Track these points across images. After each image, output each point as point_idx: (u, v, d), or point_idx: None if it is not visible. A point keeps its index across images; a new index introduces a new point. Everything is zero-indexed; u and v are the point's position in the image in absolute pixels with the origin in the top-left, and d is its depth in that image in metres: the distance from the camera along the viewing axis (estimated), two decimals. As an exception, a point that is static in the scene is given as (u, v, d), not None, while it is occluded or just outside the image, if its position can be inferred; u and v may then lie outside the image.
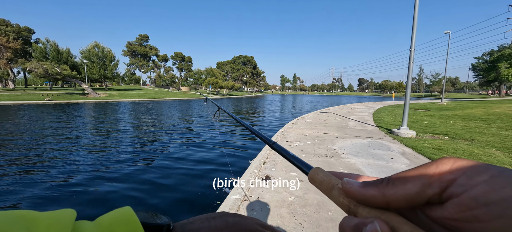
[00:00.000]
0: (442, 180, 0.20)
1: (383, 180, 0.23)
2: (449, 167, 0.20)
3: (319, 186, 0.30)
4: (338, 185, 0.28)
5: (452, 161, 0.20)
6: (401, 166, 4.04)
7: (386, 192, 0.22)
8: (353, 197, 0.25)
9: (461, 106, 18.62)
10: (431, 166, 0.21)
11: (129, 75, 77.94)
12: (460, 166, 0.19)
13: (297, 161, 0.38)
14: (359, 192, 0.24)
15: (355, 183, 0.25)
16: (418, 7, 6.58)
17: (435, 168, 0.20)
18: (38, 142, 7.52)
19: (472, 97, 50.71)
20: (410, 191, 0.21)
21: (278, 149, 0.46)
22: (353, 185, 0.25)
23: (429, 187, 0.20)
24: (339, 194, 0.27)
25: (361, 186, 0.24)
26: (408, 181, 0.21)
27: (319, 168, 0.32)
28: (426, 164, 0.21)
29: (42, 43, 42.92)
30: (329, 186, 0.29)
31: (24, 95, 31.39)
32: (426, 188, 0.20)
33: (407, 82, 7.09)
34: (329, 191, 0.28)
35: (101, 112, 17.21)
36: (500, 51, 42.01)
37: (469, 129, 7.81)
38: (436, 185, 0.20)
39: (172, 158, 5.82)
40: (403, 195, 0.21)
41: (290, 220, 2.37)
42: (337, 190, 0.27)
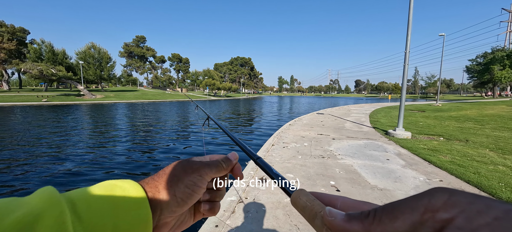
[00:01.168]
0: (436, 220, 0.17)
1: (369, 214, 0.21)
2: (444, 202, 0.17)
3: (301, 212, 0.26)
4: (321, 213, 0.24)
5: (447, 195, 0.17)
6: (397, 167, 4.06)
7: (372, 229, 0.20)
8: (337, 231, 0.22)
9: (456, 107, 18.85)
10: (424, 200, 0.18)
11: (125, 76, 77.42)
12: (457, 202, 0.17)
13: (280, 181, 0.35)
14: (341, 227, 0.21)
15: (339, 216, 0.22)
16: (412, 10, 6.66)
17: (427, 202, 0.18)
18: (32, 146, 7.40)
19: (466, 98, 51.42)
20: (401, 229, 0.18)
21: (262, 165, 0.42)
22: (336, 217, 0.22)
23: (421, 227, 0.17)
24: (322, 224, 0.24)
25: (344, 220, 0.22)
26: (397, 218, 0.19)
27: (302, 191, 0.28)
28: (418, 195, 0.19)
29: (37, 44, 42.41)
30: (312, 213, 0.25)
31: (18, 96, 30.96)
32: (418, 227, 0.17)
33: (402, 83, 7.15)
34: (312, 219, 0.25)
35: (97, 114, 17.04)
36: (494, 53, 42.75)
37: (464, 130, 7.90)
38: (430, 224, 0.17)
39: (169, 159, 5.78)
40: None
41: (285, 222, 2.36)
42: (320, 219, 0.24)
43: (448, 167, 4.01)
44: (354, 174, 3.71)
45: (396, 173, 3.77)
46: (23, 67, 31.50)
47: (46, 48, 41.80)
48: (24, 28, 48.71)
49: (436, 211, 0.17)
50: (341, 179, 3.51)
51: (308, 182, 3.38)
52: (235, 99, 54.96)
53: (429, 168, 4.07)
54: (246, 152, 0.58)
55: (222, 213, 2.54)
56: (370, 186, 3.28)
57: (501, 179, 3.47)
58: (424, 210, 0.17)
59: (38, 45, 41.95)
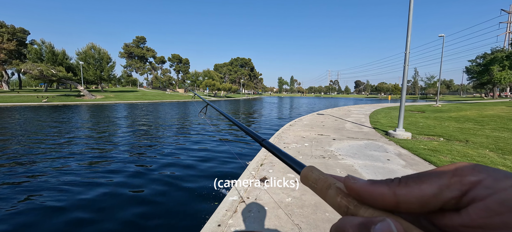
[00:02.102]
0: (463, 182, 0.18)
1: (393, 180, 0.21)
2: (471, 169, 0.18)
3: (312, 185, 0.27)
4: (335, 184, 0.25)
5: (473, 165, 0.18)
6: (397, 167, 4.08)
7: (398, 191, 0.20)
8: (358, 194, 0.22)
9: (455, 108, 18.88)
10: (450, 167, 0.19)
11: (125, 76, 77.42)
12: (483, 169, 0.18)
13: (288, 159, 0.35)
14: (365, 190, 0.21)
15: (361, 180, 0.23)
16: (412, 11, 6.69)
17: (454, 169, 0.19)
18: (32, 147, 7.41)
19: (466, 99, 51.48)
20: (426, 192, 0.19)
21: (268, 147, 0.44)
22: (358, 181, 0.23)
23: (448, 189, 0.18)
24: (336, 193, 0.24)
25: (368, 183, 0.22)
26: (423, 182, 0.19)
27: (313, 167, 0.29)
28: (443, 166, 0.20)
29: (37, 45, 42.47)
30: (325, 184, 0.26)
31: (18, 96, 30.95)
32: (445, 190, 0.18)
33: (402, 84, 7.17)
34: (325, 190, 0.26)
35: (97, 115, 17.04)
36: (493, 54, 42.83)
37: (464, 131, 7.92)
38: (457, 187, 0.18)
39: (167, 160, 5.79)
40: (417, 197, 0.19)
41: (287, 221, 2.37)
42: (334, 189, 0.25)
43: (448, 167, 4.02)
44: (355, 174, 3.72)
45: (397, 173, 3.78)
46: (23, 67, 31.51)
47: (46, 48, 41.84)
48: (24, 28, 48.75)
49: (464, 176, 0.18)
50: (342, 179, 3.53)
51: (309, 182, 3.39)
52: (235, 99, 54.98)
53: (429, 168, 4.08)
54: (251, 135, 0.58)
55: (224, 213, 2.55)
56: (371, 186, 3.29)
57: (501, 179, 3.48)
58: (451, 175, 0.18)
59: (38, 46, 42.00)
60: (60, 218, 3.22)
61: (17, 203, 3.59)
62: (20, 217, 3.24)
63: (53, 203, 3.60)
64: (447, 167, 0.19)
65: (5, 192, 3.97)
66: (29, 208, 3.47)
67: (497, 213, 0.16)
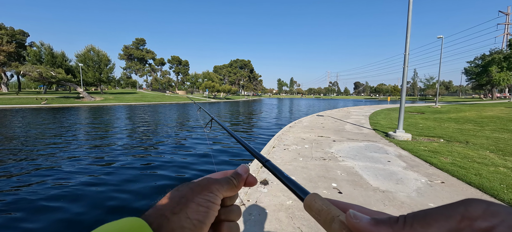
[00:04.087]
0: (474, 228, 0.16)
1: (398, 219, 0.19)
2: (483, 211, 0.17)
3: (316, 216, 0.26)
4: (339, 217, 0.24)
5: (485, 205, 0.17)
6: (398, 169, 4.06)
7: None
8: None
9: (455, 109, 18.91)
10: (459, 208, 0.17)
11: (125, 78, 77.39)
12: (496, 213, 0.16)
13: (291, 184, 0.34)
14: (369, 230, 0.20)
15: (364, 219, 0.21)
16: (411, 13, 6.71)
17: (464, 210, 0.17)
18: (32, 148, 7.37)
19: (465, 100, 51.62)
20: None
21: (271, 169, 0.40)
22: (361, 220, 0.21)
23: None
24: (340, 228, 0.23)
25: (371, 224, 0.20)
26: (430, 224, 0.18)
27: (316, 195, 0.28)
28: (452, 204, 0.18)
29: (37, 47, 42.46)
30: (328, 217, 0.25)
31: (17, 98, 30.86)
32: None
33: (402, 85, 7.18)
34: (328, 223, 0.24)
35: (96, 116, 16.99)
36: (491, 55, 43.03)
37: (463, 132, 7.92)
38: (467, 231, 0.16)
39: (165, 164, 5.76)
40: None
41: (288, 224, 2.35)
42: (338, 223, 0.23)
43: (449, 168, 4.01)
44: (356, 176, 3.70)
45: (398, 175, 3.76)
46: (22, 69, 31.47)
47: (46, 50, 41.84)
48: (24, 30, 48.74)
49: (474, 220, 0.16)
50: (342, 181, 3.51)
51: (310, 184, 3.37)
52: (235, 101, 54.97)
53: (430, 169, 4.07)
54: (254, 154, 0.52)
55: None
56: (372, 188, 3.27)
57: (502, 181, 3.47)
58: (460, 218, 0.17)
59: (38, 48, 42.00)
60: (58, 215, 3.19)
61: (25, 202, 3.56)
62: (27, 218, 3.21)
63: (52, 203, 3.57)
64: (457, 206, 0.18)
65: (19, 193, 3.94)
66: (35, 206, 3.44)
67: None
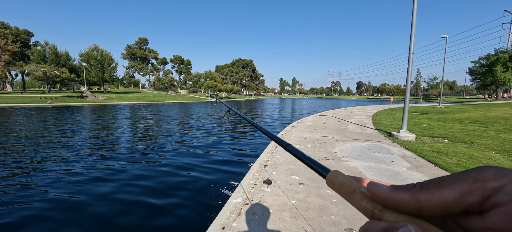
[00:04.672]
0: (485, 188, 0.18)
1: (415, 185, 0.22)
2: (494, 174, 0.18)
3: (338, 189, 0.29)
4: (360, 189, 0.26)
5: (495, 169, 0.19)
6: (402, 169, 4.03)
7: (419, 197, 0.21)
8: (381, 201, 0.23)
9: (459, 109, 18.72)
10: (472, 173, 0.19)
11: (128, 78, 77.83)
12: (506, 174, 0.18)
13: (313, 164, 0.37)
14: (388, 196, 0.23)
15: (383, 186, 0.24)
16: (416, 11, 6.64)
17: (476, 174, 0.19)
18: (39, 144, 7.44)
19: (469, 100, 51.10)
20: (448, 197, 0.19)
21: (293, 151, 0.46)
22: (381, 188, 0.24)
23: (470, 195, 0.19)
24: (361, 198, 0.25)
25: (390, 190, 0.23)
26: (445, 187, 0.20)
27: (338, 171, 0.31)
28: (466, 171, 0.20)
29: (41, 46, 42.84)
30: (350, 189, 0.27)
31: (22, 97, 31.20)
32: (466, 195, 0.19)
33: (406, 85, 7.12)
34: (350, 195, 0.27)
35: (100, 115, 17.11)
36: (496, 55, 42.49)
37: (468, 132, 7.84)
38: (478, 192, 0.18)
39: (170, 162, 5.77)
40: (439, 202, 0.20)
41: (292, 224, 2.34)
42: (359, 194, 0.26)
43: (454, 169, 3.97)
44: (360, 176, 3.68)
45: (402, 176, 3.73)
46: (27, 69, 31.79)
47: (50, 50, 42.19)
48: (28, 30, 49.25)
49: (485, 181, 0.18)
50: (346, 181, 3.49)
51: (314, 184, 3.36)
52: (237, 100, 55.00)
53: (435, 170, 4.03)
54: (275, 140, 0.61)
55: (228, 215, 2.53)
56: (376, 188, 3.25)
57: (509, 182, 3.43)
58: (473, 180, 0.19)
59: (42, 47, 42.36)
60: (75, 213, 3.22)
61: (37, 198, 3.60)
62: (39, 213, 3.24)
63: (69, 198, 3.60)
64: (470, 171, 0.20)
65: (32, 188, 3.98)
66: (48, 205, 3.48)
67: None
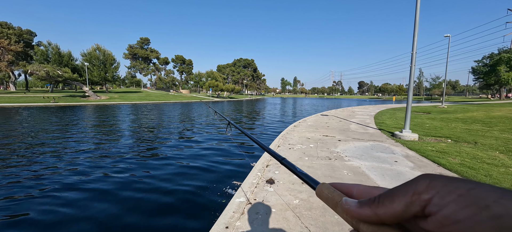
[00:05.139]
0: (421, 200, 0.22)
1: (375, 200, 0.26)
2: (426, 186, 0.22)
3: (326, 201, 0.32)
4: (341, 202, 0.29)
5: (428, 180, 0.23)
6: (406, 169, 4.01)
7: (377, 211, 0.25)
8: (352, 217, 0.27)
9: (462, 109, 18.60)
10: (412, 185, 0.23)
11: (130, 77, 78.10)
12: (435, 185, 0.22)
13: (304, 177, 0.41)
14: (355, 212, 0.27)
15: (352, 204, 0.28)
16: (419, 11, 6.60)
17: (414, 187, 0.23)
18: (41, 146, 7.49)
19: (472, 100, 50.72)
20: (397, 209, 0.23)
21: (287, 165, 0.50)
22: (350, 205, 0.28)
23: (412, 205, 0.22)
24: (342, 211, 0.29)
25: (357, 206, 0.27)
26: (394, 200, 0.24)
27: (324, 184, 0.34)
28: (409, 182, 0.24)
29: (44, 46, 43.14)
30: (334, 203, 0.30)
31: (25, 97, 31.42)
32: (410, 206, 0.23)
33: (409, 84, 7.07)
34: (334, 207, 0.30)
35: (102, 115, 17.19)
36: (500, 54, 42.13)
37: (471, 132, 7.78)
38: (417, 204, 0.22)
39: (172, 162, 5.79)
40: (392, 214, 0.24)
41: (296, 224, 2.34)
42: (340, 207, 0.29)
43: (458, 169, 3.95)
44: (363, 176, 3.67)
45: (406, 176, 3.72)
46: (30, 68, 31.99)
47: (53, 50, 42.46)
48: (31, 30, 49.58)
49: (420, 193, 0.22)
50: (349, 181, 3.48)
51: (316, 184, 3.35)
52: (238, 100, 55.03)
53: (438, 170, 4.01)
54: (272, 154, 0.64)
55: (232, 214, 2.53)
56: (380, 188, 3.24)
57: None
58: (412, 193, 0.23)
59: (45, 47, 42.67)
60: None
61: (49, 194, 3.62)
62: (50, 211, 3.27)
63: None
64: (411, 183, 0.24)
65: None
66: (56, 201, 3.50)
67: (443, 225, 0.20)
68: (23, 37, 46.69)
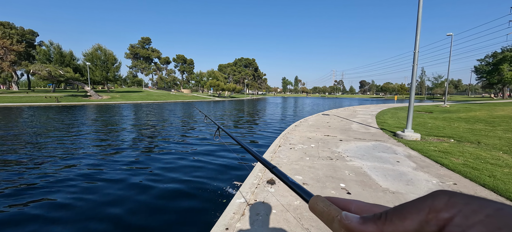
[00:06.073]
0: (439, 219, 0.19)
1: (381, 216, 0.23)
2: (445, 204, 0.20)
3: (320, 216, 0.29)
4: (338, 217, 0.26)
5: (447, 197, 0.20)
6: (408, 169, 3.97)
7: (384, 229, 0.22)
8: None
9: (464, 108, 18.46)
10: (427, 201, 0.21)
11: (131, 77, 78.33)
12: (455, 203, 0.19)
13: (296, 187, 0.37)
14: (358, 229, 0.24)
15: (354, 219, 0.25)
16: (421, 9, 6.53)
17: (431, 203, 0.20)
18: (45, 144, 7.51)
19: (475, 99, 50.36)
20: (408, 228, 0.20)
21: (277, 174, 0.45)
22: (352, 221, 0.25)
23: (427, 224, 0.20)
24: (339, 227, 0.26)
25: (359, 222, 0.24)
26: (406, 218, 0.21)
27: (319, 197, 0.31)
28: (422, 197, 0.22)
29: (46, 46, 43.27)
30: (329, 218, 0.27)
31: (27, 97, 31.59)
32: (424, 225, 0.20)
33: (411, 84, 7.01)
34: (330, 223, 0.27)
35: (104, 114, 17.24)
36: (503, 53, 41.77)
37: (474, 132, 7.71)
38: (434, 223, 0.19)
39: (174, 162, 5.78)
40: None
41: (296, 225, 2.31)
42: (337, 223, 0.26)
43: (461, 169, 3.90)
44: (365, 177, 3.63)
45: (408, 176, 3.68)
46: (32, 68, 32.14)
47: (54, 50, 42.60)
48: (33, 30, 49.80)
49: (439, 211, 0.20)
50: (351, 181, 3.44)
51: (318, 184, 3.32)
52: (239, 99, 55.02)
53: (441, 170, 3.96)
54: (261, 161, 0.59)
55: (232, 216, 2.51)
56: (382, 189, 3.20)
57: (518, 183, 3.35)
58: (428, 210, 0.20)
59: (47, 47, 42.80)
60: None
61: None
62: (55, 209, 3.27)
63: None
64: (426, 199, 0.21)
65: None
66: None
67: None
68: (26, 37, 46.92)
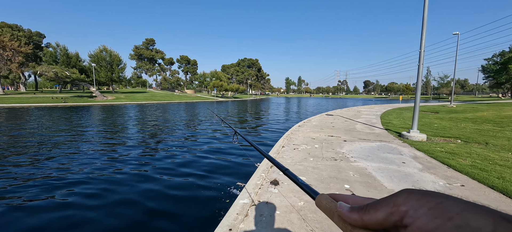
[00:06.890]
0: (399, 211, 0.25)
1: (363, 207, 0.29)
2: (403, 200, 0.26)
3: (324, 211, 0.35)
4: (336, 208, 0.32)
5: (406, 194, 0.26)
6: (414, 171, 3.90)
7: (363, 217, 0.28)
8: (344, 220, 0.30)
9: (471, 108, 18.13)
10: (393, 198, 0.27)
11: (135, 78, 79.12)
12: (411, 199, 0.25)
13: (305, 187, 0.44)
14: (346, 216, 0.30)
15: (345, 208, 0.31)
16: (427, 8, 6.44)
17: (395, 199, 0.26)
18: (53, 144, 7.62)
19: (482, 99, 49.43)
20: (379, 217, 0.27)
21: (290, 175, 0.55)
22: (343, 209, 0.31)
23: (392, 215, 0.26)
24: (338, 219, 0.31)
25: (348, 211, 0.30)
26: (378, 209, 0.27)
27: (323, 195, 0.36)
28: (392, 195, 0.27)
29: (53, 48, 44.06)
30: (331, 212, 0.33)
31: (34, 97, 32.15)
32: (390, 216, 0.26)
33: (416, 83, 6.91)
34: (332, 216, 0.33)
35: (110, 114, 17.44)
36: (511, 52, 40.92)
37: (482, 133, 7.56)
38: (396, 214, 0.25)
39: (176, 162, 5.80)
40: (375, 221, 0.27)
41: (300, 227, 2.29)
42: (337, 216, 0.32)
43: (469, 171, 3.82)
44: (369, 178, 3.59)
45: (414, 177, 3.62)
46: (39, 69, 32.73)
47: (61, 51, 43.35)
48: (40, 32, 50.68)
49: (399, 205, 0.26)
50: (356, 182, 3.40)
51: (322, 185, 3.29)
52: (242, 100, 55.06)
53: (448, 172, 3.89)
54: (276, 165, 0.66)
55: (235, 216, 2.50)
56: (387, 190, 3.16)
57: (528, 185, 3.26)
58: (392, 205, 0.26)
59: (53, 49, 43.56)
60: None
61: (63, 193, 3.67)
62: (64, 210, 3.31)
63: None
64: (393, 196, 0.27)
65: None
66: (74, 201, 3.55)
67: None
68: (33, 39, 47.79)
